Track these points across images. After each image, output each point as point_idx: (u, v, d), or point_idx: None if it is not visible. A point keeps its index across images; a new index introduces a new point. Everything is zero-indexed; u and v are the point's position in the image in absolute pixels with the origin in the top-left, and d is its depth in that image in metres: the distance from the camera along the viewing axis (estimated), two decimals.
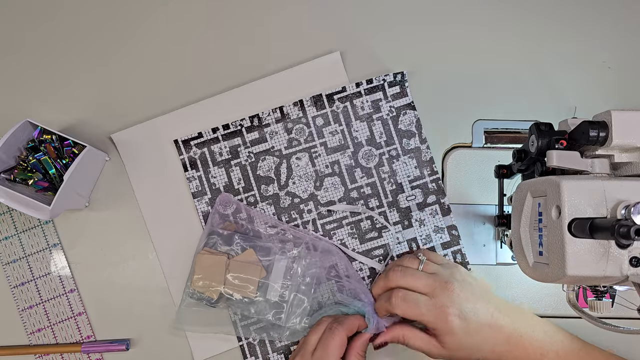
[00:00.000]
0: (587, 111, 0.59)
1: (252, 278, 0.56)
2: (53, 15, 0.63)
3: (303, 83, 0.61)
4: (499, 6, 0.62)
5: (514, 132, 0.61)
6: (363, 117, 0.60)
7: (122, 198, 0.60)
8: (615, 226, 0.32)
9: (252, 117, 0.60)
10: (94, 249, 0.60)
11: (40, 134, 0.56)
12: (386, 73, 0.60)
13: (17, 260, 0.60)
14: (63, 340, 0.59)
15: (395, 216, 0.59)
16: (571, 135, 0.42)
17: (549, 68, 0.62)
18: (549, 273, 0.39)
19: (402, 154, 0.60)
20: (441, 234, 0.59)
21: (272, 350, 0.58)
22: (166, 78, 0.62)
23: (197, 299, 0.56)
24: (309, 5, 0.62)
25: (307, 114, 0.60)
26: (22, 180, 0.56)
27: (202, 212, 0.59)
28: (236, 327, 0.58)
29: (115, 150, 0.61)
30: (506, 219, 0.55)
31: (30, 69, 0.62)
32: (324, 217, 0.59)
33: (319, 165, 0.60)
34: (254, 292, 0.55)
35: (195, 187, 0.60)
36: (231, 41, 0.62)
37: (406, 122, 0.60)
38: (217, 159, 0.60)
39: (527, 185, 0.43)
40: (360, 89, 0.60)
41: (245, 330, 0.58)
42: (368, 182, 0.59)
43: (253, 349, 0.58)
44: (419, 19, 0.62)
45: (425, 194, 0.59)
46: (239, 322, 0.58)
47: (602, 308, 0.43)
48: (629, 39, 0.62)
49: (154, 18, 0.63)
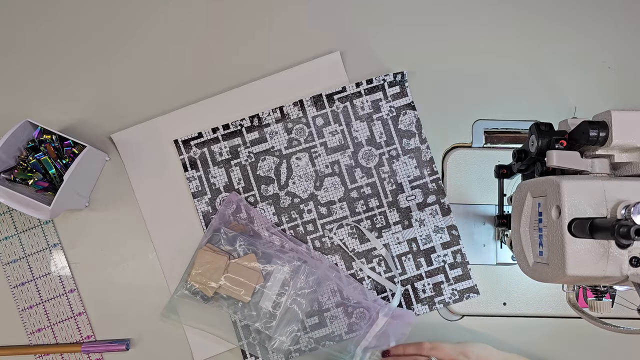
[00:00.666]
0: (587, 111, 0.59)
1: (249, 283, 0.56)
2: (53, 16, 0.63)
3: (303, 83, 0.61)
4: (499, 6, 0.62)
5: (514, 132, 0.61)
6: (363, 117, 0.60)
7: (122, 198, 0.60)
8: (615, 226, 0.32)
9: (252, 117, 0.60)
10: (94, 249, 0.60)
11: (40, 134, 0.56)
12: (386, 73, 0.60)
13: (17, 260, 0.60)
14: (63, 340, 0.59)
15: (395, 216, 0.59)
16: (571, 135, 0.42)
17: (549, 68, 0.62)
18: (549, 273, 0.39)
19: (402, 154, 0.60)
20: (441, 234, 0.59)
21: (272, 351, 0.58)
22: (166, 78, 0.62)
23: (192, 293, 0.56)
24: (309, 5, 0.62)
25: (307, 114, 0.60)
26: (22, 180, 0.56)
27: (202, 212, 0.59)
28: (236, 327, 0.58)
29: (115, 150, 0.61)
30: (506, 219, 0.55)
31: (30, 69, 0.62)
32: (324, 216, 0.59)
33: (319, 165, 0.60)
34: (248, 296, 0.55)
35: (195, 187, 0.60)
36: (231, 41, 0.62)
37: (406, 122, 0.60)
38: (217, 159, 0.60)
39: (527, 185, 0.43)
40: (360, 89, 0.60)
41: (245, 331, 0.58)
42: (368, 182, 0.59)
43: (253, 349, 0.58)
44: (419, 19, 0.62)
45: (425, 194, 0.59)
46: (239, 323, 0.58)
47: (602, 308, 0.43)
48: (629, 39, 0.62)
49: (154, 18, 0.63)
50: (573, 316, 0.58)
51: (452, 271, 0.59)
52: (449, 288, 0.58)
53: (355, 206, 0.59)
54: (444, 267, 0.59)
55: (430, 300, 0.58)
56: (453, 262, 0.59)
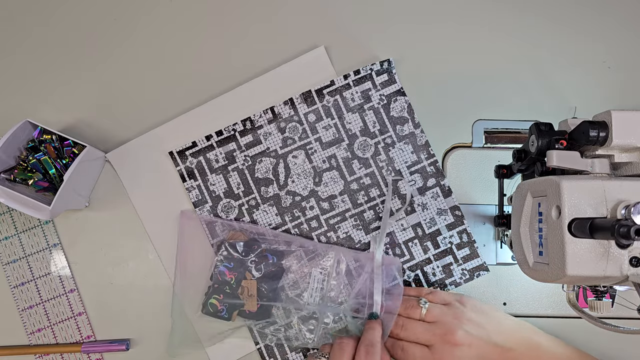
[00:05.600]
0: (587, 111, 0.59)
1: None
2: (53, 16, 0.63)
3: (291, 81, 0.61)
4: (499, 6, 0.62)
5: (514, 132, 0.61)
6: (354, 108, 0.60)
7: (122, 198, 0.60)
8: (615, 226, 0.32)
9: (244, 120, 0.60)
10: (94, 249, 0.60)
11: (40, 134, 0.56)
12: (372, 62, 0.60)
13: (17, 260, 0.60)
14: (63, 340, 0.59)
15: (397, 203, 0.59)
16: (571, 135, 0.42)
17: (549, 68, 0.62)
18: (549, 273, 0.39)
19: (397, 140, 0.60)
20: (445, 216, 0.59)
21: (290, 350, 0.58)
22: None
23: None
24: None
25: (298, 112, 0.60)
26: (22, 180, 0.56)
27: (204, 221, 0.59)
28: (252, 332, 0.57)
29: (115, 150, 0.61)
30: (506, 219, 0.55)
31: (30, 69, 0.62)
32: (326, 211, 0.59)
33: (316, 161, 0.60)
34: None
35: (196, 196, 0.59)
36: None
37: (398, 109, 0.60)
38: (214, 166, 0.60)
39: (527, 185, 0.43)
40: (348, 80, 0.60)
41: (262, 335, 0.57)
42: (367, 173, 0.60)
43: (271, 351, 0.58)
44: (419, 19, 0.62)
45: (425, 177, 0.59)
46: (254, 327, 0.57)
47: (602, 308, 0.43)
48: (629, 39, 0.62)
49: (155, 17, 0.63)
50: (573, 316, 0.58)
51: (459, 251, 0.59)
52: (459, 268, 0.58)
53: (356, 198, 0.59)
54: (451, 249, 0.59)
55: (442, 282, 0.58)
56: (460, 242, 0.59)
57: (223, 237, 0.58)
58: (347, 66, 0.61)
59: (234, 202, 0.59)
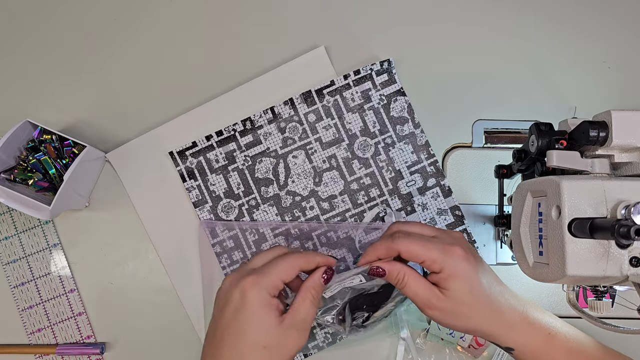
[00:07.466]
0: (587, 111, 0.59)
1: None
2: (53, 16, 0.63)
3: (291, 81, 0.61)
4: (499, 6, 0.62)
5: (514, 132, 0.61)
6: (354, 108, 0.60)
7: (122, 198, 0.60)
8: (615, 226, 0.32)
9: (244, 120, 0.60)
10: (94, 249, 0.60)
11: (40, 134, 0.56)
12: (372, 62, 0.60)
13: (17, 260, 0.60)
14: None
15: (398, 203, 0.59)
16: (571, 135, 0.42)
17: (549, 68, 0.62)
18: (549, 273, 0.39)
19: (397, 140, 0.60)
20: (445, 216, 0.59)
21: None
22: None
23: None
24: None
25: (298, 112, 0.60)
26: (22, 180, 0.56)
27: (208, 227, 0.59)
28: None
29: (115, 150, 0.61)
30: (506, 219, 0.55)
31: (30, 69, 0.62)
32: (326, 211, 0.59)
33: (316, 161, 0.60)
34: None
35: (196, 196, 0.59)
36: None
37: (398, 109, 0.60)
38: (214, 166, 0.60)
39: (527, 185, 0.43)
40: (348, 80, 0.60)
41: None
42: (367, 173, 0.60)
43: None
44: (419, 19, 0.62)
45: (425, 177, 0.59)
46: None
47: (602, 308, 0.43)
48: (629, 39, 0.62)
49: (155, 17, 0.63)
50: (573, 316, 0.58)
51: None
52: None
53: (356, 198, 0.59)
54: None
55: None
56: None
57: (223, 237, 0.58)
58: (347, 66, 0.61)
59: (234, 202, 0.59)
